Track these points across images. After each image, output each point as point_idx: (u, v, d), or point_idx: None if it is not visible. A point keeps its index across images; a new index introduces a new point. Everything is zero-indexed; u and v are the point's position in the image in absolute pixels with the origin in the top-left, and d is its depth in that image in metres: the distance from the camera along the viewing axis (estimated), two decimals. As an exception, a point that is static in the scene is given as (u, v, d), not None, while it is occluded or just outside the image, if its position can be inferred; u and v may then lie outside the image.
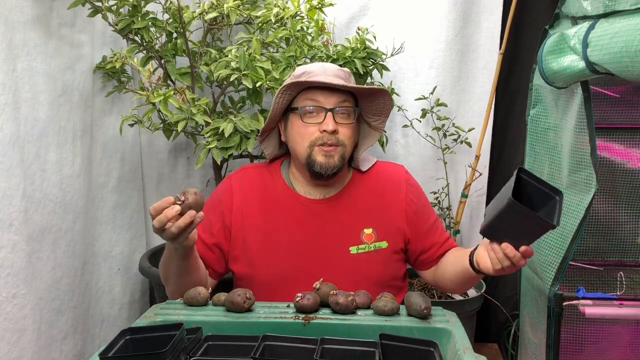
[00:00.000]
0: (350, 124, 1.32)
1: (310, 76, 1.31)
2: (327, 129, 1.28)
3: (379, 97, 1.34)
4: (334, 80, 1.28)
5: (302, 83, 1.30)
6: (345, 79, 1.33)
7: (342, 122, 1.31)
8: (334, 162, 1.30)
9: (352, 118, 1.32)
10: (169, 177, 2.30)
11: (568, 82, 1.47)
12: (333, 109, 1.29)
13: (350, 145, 1.34)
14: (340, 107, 1.30)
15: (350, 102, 1.33)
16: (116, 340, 0.94)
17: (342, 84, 1.28)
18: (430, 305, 1.11)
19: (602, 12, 1.30)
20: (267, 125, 1.39)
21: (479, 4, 2.19)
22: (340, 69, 1.35)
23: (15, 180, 1.50)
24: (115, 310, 2.08)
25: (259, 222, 1.37)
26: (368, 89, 1.32)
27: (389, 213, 1.39)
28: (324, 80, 1.28)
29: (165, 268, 1.27)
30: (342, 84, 1.28)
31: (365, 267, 1.35)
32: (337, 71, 1.33)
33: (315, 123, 1.30)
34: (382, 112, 1.38)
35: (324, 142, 1.29)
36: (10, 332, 1.50)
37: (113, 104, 2.01)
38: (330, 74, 1.31)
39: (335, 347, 0.97)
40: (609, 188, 1.86)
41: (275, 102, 1.32)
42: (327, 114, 1.29)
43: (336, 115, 1.30)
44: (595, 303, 1.48)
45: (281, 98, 1.32)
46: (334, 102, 1.30)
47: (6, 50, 1.46)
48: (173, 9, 1.76)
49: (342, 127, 1.31)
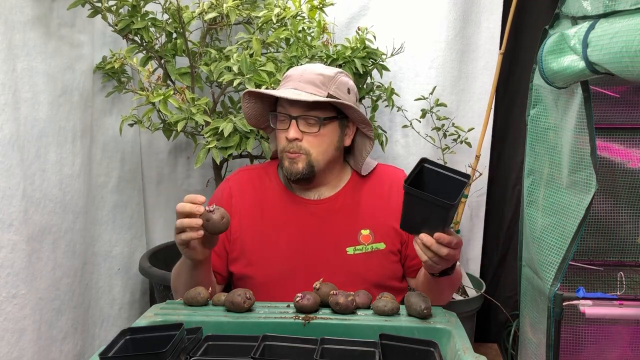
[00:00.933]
0: (315, 133, 1.31)
1: (285, 81, 1.34)
2: (288, 137, 1.30)
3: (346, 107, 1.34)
4: (302, 88, 1.29)
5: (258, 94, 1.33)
6: (322, 85, 1.30)
7: (307, 131, 1.31)
8: (297, 168, 1.31)
9: (317, 127, 1.31)
10: (169, 177, 2.30)
11: (568, 82, 1.47)
12: (297, 117, 1.30)
13: (321, 153, 1.33)
14: (304, 116, 1.31)
15: (320, 111, 1.31)
16: (116, 340, 0.94)
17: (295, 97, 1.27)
18: (430, 306, 1.11)
19: (602, 12, 1.30)
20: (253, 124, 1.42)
21: (479, 4, 2.19)
22: (320, 74, 1.32)
23: (15, 180, 1.50)
24: (115, 310, 2.08)
25: (257, 223, 1.38)
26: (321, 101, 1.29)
27: (387, 215, 1.39)
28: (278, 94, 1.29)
29: (177, 277, 1.31)
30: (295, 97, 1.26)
31: (362, 267, 1.35)
32: (314, 76, 1.31)
33: (283, 130, 1.33)
34: (361, 120, 1.37)
35: (287, 150, 1.32)
36: (10, 332, 1.50)
37: (113, 104, 2.01)
38: (304, 80, 1.31)
39: (335, 347, 0.97)
40: (609, 188, 1.86)
41: (243, 106, 1.36)
42: (292, 121, 1.30)
43: (302, 124, 1.31)
44: (595, 303, 1.48)
45: (248, 104, 1.36)
46: (300, 110, 1.30)
47: (6, 50, 1.46)
48: (172, 9, 1.76)
49: (307, 135, 1.31)
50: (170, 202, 2.30)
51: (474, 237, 2.34)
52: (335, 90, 1.31)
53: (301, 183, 1.37)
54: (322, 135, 1.33)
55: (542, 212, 1.66)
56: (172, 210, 2.26)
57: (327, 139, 1.34)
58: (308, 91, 1.29)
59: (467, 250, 2.35)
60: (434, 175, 1.11)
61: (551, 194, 1.63)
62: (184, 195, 1.15)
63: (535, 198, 1.74)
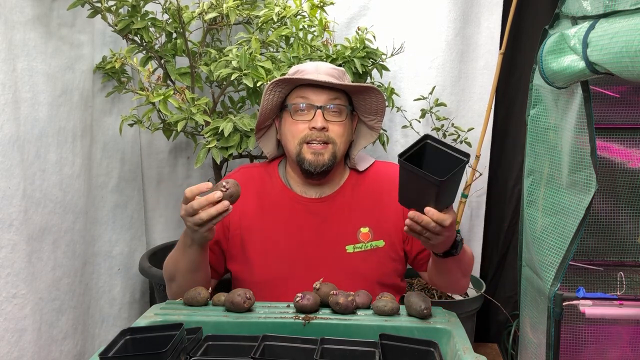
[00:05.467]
0: (341, 122, 1.32)
1: (303, 74, 1.32)
2: (316, 126, 1.29)
3: (371, 95, 1.35)
4: (324, 79, 1.29)
5: (292, 80, 1.31)
6: (339, 78, 1.33)
7: (333, 120, 1.31)
8: (322, 160, 1.30)
9: (344, 116, 1.32)
10: (169, 177, 2.30)
11: (568, 82, 1.47)
12: (323, 106, 1.30)
13: (343, 143, 1.34)
14: (331, 105, 1.31)
15: (342, 100, 1.33)
16: (116, 340, 0.94)
17: (330, 82, 1.28)
18: (430, 305, 1.11)
19: (602, 12, 1.30)
20: (261, 121, 1.40)
21: (479, 4, 2.19)
22: (334, 68, 1.35)
23: (15, 180, 1.50)
24: (115, 310, 2.08)
25: (256, 222, 1.38)
26: (358, 86, 1.32)
27: (386, 212, 1.39)
28: (313, 78, 1.28)
29: (175, 264, 1.29)
30: (331, 81, 1.28)
31: (361, 266, 1.35)
32: (330, 70, 1.34)
33: (305, 120, 1.31)
34: (377, 111, 1.38)
35: (313, 139, 1.30)
36: (10, 332, 1.50)
37: (113, 104, 2.01)
38: (322, 72, 1.32)
39: (335, 347, 0.97)
40: (609, 188, 1.86)
41: (265, 98, 1.33)
42: (317, 111, 1.30)
43: (326, 113, 1.30)
44: (595, 303, 1.48)
45: (270, 94, 1.33)
46: (324, 99, 1.30)
47: (6, 50, 1.46)
48: (172, 9, 1.76)
49: (333, 125, 1.31)
50: (170, 202, 2.30)
51: (474, 237, 2.34)
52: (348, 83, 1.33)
53: (314, 178, 1.36)
54: (345, 125, 1.33)
55: (542, 212, 1.66)
56: (172, 210, 2.29)
57: (349, 129, 1.36)
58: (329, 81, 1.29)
59: (467, 250, 2.34)
60: (434, 152, 1.10)
61: (551, 194, 1.63)
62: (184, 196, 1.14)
63: (535, 198, 1.74)
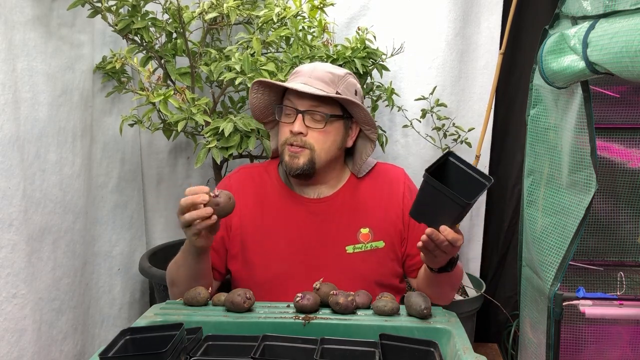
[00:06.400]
0: (321, 129, 1.32)
1: (295, 77, 1.34)
2: (293, 130, 1.30)
3: (354, 106, 1.34)
4: (311, 83, 1.29)
5: (272, 84, 1.34)
6: (331, 83, 1.31)
7: (312, 126, 1.32)
8: (297, 164, 1.31)
9: (323, 123, 1.31)
10: (169, 177, 2.30)
11: (568, 82, 1.47)
12: (304, 111, 1.30)
13: (324, 150, 1.33)
14: (311, 111, 1.31)
15: (326, 108, 1.31)
16: (116, 340, 0.94)
17: (306, 90, 1.27)
18: (430, 306, 1.11)
19: (602, 12, 1.30)
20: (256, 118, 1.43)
21: (479, 4, 2.19)
22: (331, 72, 1.34)
23: (15, 180, 1.50)
24: (115, 310, 2.08)
25: (256, 221, 1.38)
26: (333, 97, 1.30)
27: (386, 213, 1.39)
28: (290, 85, 1.30)
29: (176, 269, 1.30)
30: (306, 90, 1.27)
31: (361, 266, 1.35)
32: (325, 73, 1.33)
33: (288, 123, 1.33)
34: (365, 122, 1.37)
35: (291, 142, 1.31)
36: (10, 332, 1.50)
37: (113, 104, 2.01)
38: (315, 77, 1.31)
39: (335, 347, 0.97)
40: (609, 188, 1.86)
41: (251, 96, 1.36)
42: (298, 115, 1.31)
43: (307, 119, 1.31)
44: (595, 303, 1.48)
45: (257, 93, 1.36)
46: (306, 105, 1.31)
47: (6, 50, 1.46)
48: (173, 9, 1.76)
49: (312, 131, 1.32)
50: (170, 202, 2.30)
51: (474, 237, 2.34)
52: (343, 90, 1.32)
53: (300, 179, 1.37)
54: (327, 132, 1.33)
55: (542, 212, 1.66)
56: (172, 210, 2.29)
57: (332, 136, 1.35)
58: (317, 87, 1.30)
59: (467, 250, 2.34)
60: (455, 170, 1.10)
61: (551, 194, 1.63)
62: (184, 196, 1.14)
63: (535, 198, 1.74)
